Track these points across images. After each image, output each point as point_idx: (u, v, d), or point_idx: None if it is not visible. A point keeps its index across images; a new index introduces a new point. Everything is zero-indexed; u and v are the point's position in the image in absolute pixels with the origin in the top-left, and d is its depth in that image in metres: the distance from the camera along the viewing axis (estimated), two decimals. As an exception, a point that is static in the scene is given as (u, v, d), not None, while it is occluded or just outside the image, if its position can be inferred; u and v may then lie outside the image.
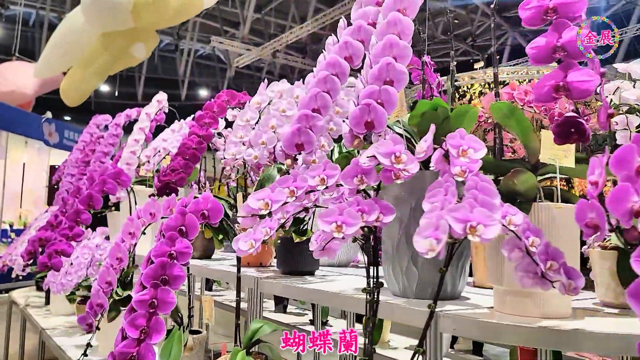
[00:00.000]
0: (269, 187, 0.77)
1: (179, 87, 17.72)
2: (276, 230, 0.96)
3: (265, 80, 1.64)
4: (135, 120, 2.92)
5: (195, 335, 1.44)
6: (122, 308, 1.68)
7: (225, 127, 2.04)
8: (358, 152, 1.98)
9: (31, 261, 2.66)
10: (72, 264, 2.13)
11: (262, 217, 1.63)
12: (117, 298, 1.50)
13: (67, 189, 3.14)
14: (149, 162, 2.09)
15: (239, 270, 1.21)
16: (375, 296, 0.81)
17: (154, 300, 1.05)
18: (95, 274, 2.09)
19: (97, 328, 1.36)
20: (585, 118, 1.08)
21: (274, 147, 1.44)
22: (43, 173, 8.19)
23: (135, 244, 1.42)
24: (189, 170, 1.64)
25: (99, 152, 2.75)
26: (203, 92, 18.48)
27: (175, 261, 1.08)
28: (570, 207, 0.91)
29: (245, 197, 1.70)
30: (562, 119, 0.71)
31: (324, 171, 0.75)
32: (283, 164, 1.94)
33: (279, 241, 1.48)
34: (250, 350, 1.17)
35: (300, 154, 1.23)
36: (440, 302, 1.08)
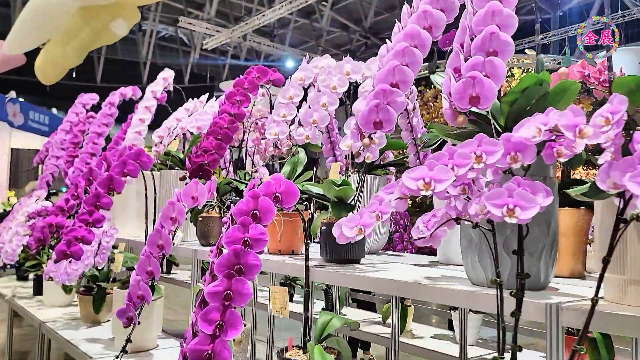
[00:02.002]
0: (426, 165, 0.67)
1: (140, 70, 17.19)
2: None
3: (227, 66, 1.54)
4: (125, 101, 2.76)
5: (240, 328, 1.34)
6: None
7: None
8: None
9: (20, 249, 2.48)
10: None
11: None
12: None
13: (51, 172, 2.94)
14: (161, 142, 1.95)
15: (307, 259, 1.11)
16: (520, 290, 0.73)
17: (228, 292, 0.95)
18: (103, 262, 1.95)
19: (139, 322, 1.24)
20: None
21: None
22: (4, 156, 7.75)
23: (176, 229, 1.30)
24: (221, 151, 1.52)
25: (92, 132, 2.57)
26: (166, 75, 17.95)
27: (249, 249, 0.97)
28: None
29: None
30: None
31: (480, 147, 0.65)
32: (301, 146, 1.83)
33: (323, 227, 1.38)
34: (321, 345, 1.08)
35: (375, 133, 1.14)
36: (537, 292, 1.02)
